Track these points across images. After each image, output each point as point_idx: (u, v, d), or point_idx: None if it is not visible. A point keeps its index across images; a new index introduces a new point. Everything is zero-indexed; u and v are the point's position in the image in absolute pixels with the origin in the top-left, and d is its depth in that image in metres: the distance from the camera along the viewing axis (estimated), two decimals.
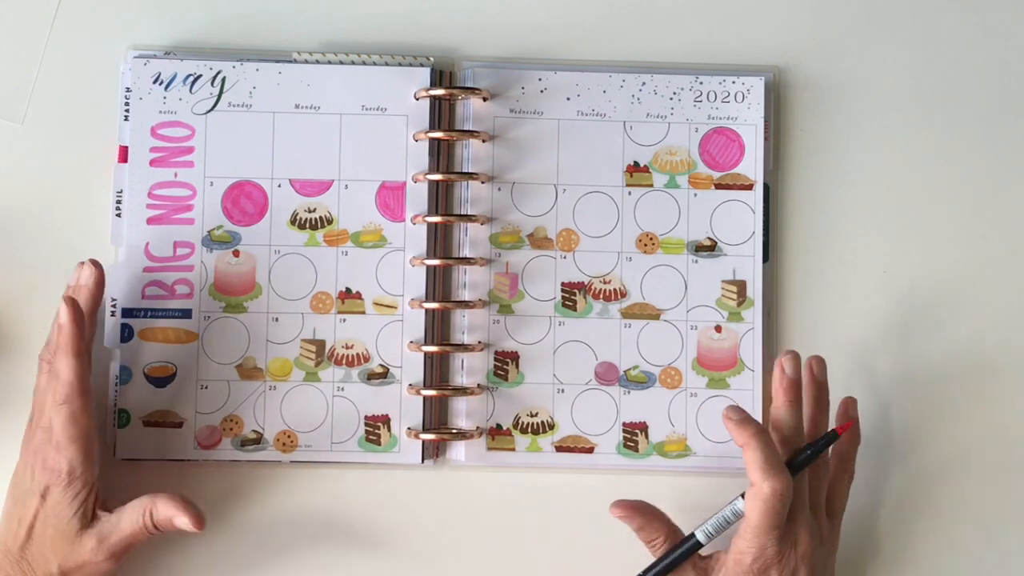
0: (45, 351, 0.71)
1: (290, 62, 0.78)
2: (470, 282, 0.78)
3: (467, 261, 0.77)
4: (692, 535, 0.71)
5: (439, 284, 0.78)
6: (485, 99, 0.78)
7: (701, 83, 0.79)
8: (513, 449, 0.77)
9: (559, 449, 0.77)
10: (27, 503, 0.69)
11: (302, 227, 0.77)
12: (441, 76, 0.79)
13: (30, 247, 0.78)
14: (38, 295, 0.77)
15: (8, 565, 0.69)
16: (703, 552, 0.72)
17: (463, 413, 0.77)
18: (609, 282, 0.78)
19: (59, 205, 0.78)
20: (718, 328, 0.78)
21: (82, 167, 0.78)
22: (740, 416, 0.71)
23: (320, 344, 0.77)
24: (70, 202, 0.78)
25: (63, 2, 0.79)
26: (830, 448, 0.72)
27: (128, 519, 0.70)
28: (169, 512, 0.69)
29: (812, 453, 0.71)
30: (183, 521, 0.69)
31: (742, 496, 0.70)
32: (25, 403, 0.73)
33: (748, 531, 0.69)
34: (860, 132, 0.80)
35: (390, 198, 0.78)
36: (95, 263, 0.73)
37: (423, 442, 0.76)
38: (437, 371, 0.77)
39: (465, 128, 0.78)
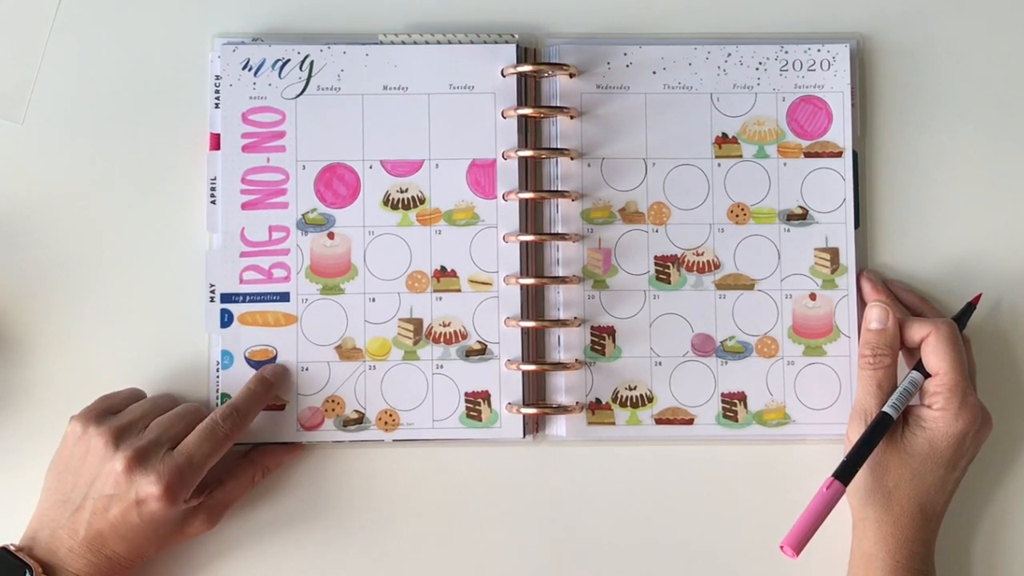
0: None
1: (376, 44, 0.79)
2: (563, 258, 0.78)
3: (560, 237, 0.77)
4: (882, 412, 0.72)
5: (532, 261, 0.78)
6: (572, 75, 0.78)
7: (786, 52, 0.79)
8: (613, 423, 0.77)
9: (659, 422, 0.77)
10: (110, 505, 0.69)
11: (395, 207, 0.78)
12: (526, 54, 0.79)
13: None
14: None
15: (80, 549, 0.69)
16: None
17: (562, 388, 0.77)
18: (702, 254, 0.78)
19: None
20: (812, 296, 0.78)
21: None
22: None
23: (417, 323, 0.77)
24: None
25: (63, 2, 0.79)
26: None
27: (240, 487, 0.74)
28: (279, 461, 0.76)
29: (961, 315, 0.76)
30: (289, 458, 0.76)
31: (914, 369, 0.73)
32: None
33: (943, 377, 0.72)
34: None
35: (481, 176, 0.78)
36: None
37: (524, 417, 0.76)
38: (534, 347, 0.77)
39: (553, 104, 0.78)
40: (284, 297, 0.77)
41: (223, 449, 0.72)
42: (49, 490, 0.71)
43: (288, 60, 0.78)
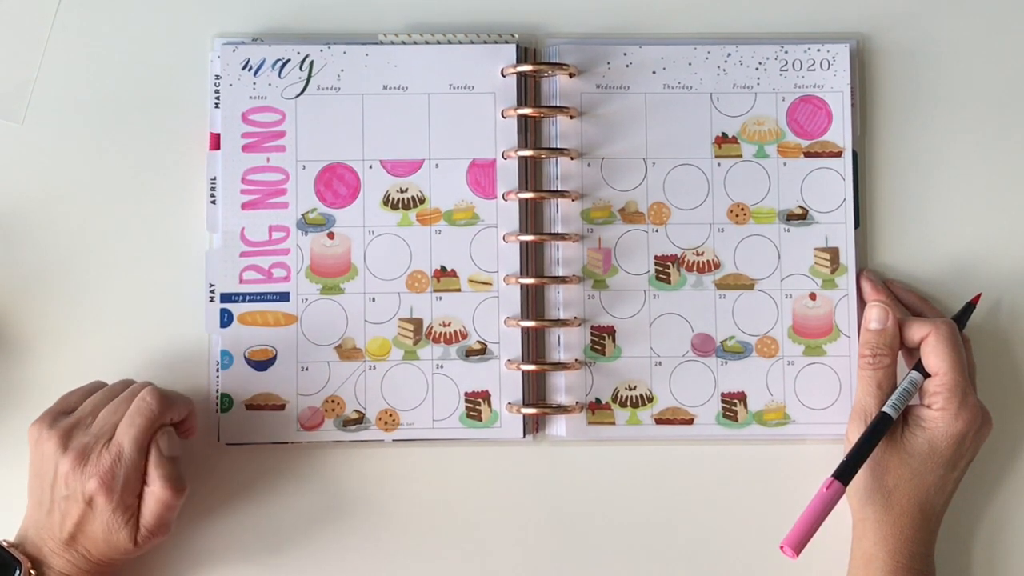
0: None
1: (376, 44, 0.79)
2: (563, 258, 0.78)
3: (560, 237, 0.77)
4: (882, 412, 0.72)
5: (532, 261, 0.78)
6: (572, 75, 0.78)
7: (786, 52, 0.79)
8: (613, 423, 0.77)
9: (659, 421, 0.77)
10: (69, 507, 0.69)
11: (395, 207, 0.78)
12: (526, 54, 0.79)
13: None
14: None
15: (60, 549, 0.69)
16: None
17: (562, 388, 0.77)
18: (702, 254, 0.78)
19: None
20: (812, 296, 0.78)
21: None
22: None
23: (418, 322, 0.77)
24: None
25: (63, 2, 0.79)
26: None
27: (149, 506, 0.70)
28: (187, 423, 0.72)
29: (961, 314, 0.76)
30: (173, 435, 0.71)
31: (913, 369, 0.73)
32: (24, 402, 0.75)
33: (942, 377, 0.72)
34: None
35: (481, 176, 0.78)
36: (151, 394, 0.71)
37: (524, 417, 0.76)
38: (534, 347, 0.77)
39: (552, 104, 0.78)
40: (284, 297, 0.77)
41: (145, 425, 0.69)
42: (29, 492, 0.72)
43: (288, 60, 0.78)
